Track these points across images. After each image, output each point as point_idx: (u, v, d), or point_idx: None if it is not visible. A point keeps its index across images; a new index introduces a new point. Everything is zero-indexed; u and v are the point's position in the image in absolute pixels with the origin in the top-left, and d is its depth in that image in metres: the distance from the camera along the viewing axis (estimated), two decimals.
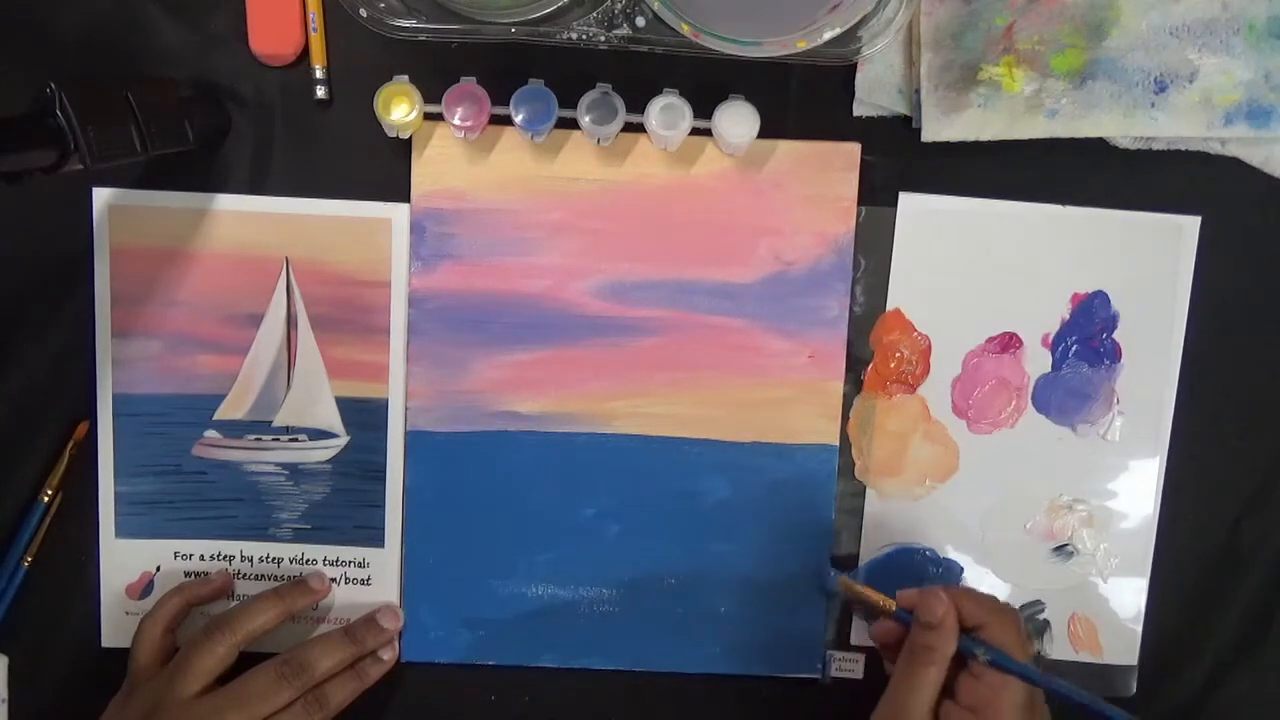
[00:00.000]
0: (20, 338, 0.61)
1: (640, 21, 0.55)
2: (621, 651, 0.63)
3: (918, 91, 0.59)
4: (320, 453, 0.62)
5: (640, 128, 0.58)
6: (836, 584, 0.62)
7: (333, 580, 0.62)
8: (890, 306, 0.62)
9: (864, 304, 0.62)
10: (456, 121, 0.57)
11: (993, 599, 0.57)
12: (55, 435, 0.61)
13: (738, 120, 0.58)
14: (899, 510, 0.63)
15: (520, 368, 0.61)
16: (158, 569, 0.62)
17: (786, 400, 0.62)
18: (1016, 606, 0.64)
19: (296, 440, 0.62)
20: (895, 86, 0.60)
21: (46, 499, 0.61)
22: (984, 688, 0.53)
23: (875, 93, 0.60)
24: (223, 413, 0.61)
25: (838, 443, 0.62)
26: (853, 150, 0.61)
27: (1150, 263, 0.62)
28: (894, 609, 0.57)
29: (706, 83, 0.58)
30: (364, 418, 0.62)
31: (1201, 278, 0.62)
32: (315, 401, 0.61)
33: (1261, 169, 0.61)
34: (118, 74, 0.58)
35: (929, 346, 0.62)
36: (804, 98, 0.60)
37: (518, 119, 0.57)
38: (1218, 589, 0.64)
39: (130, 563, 0.62)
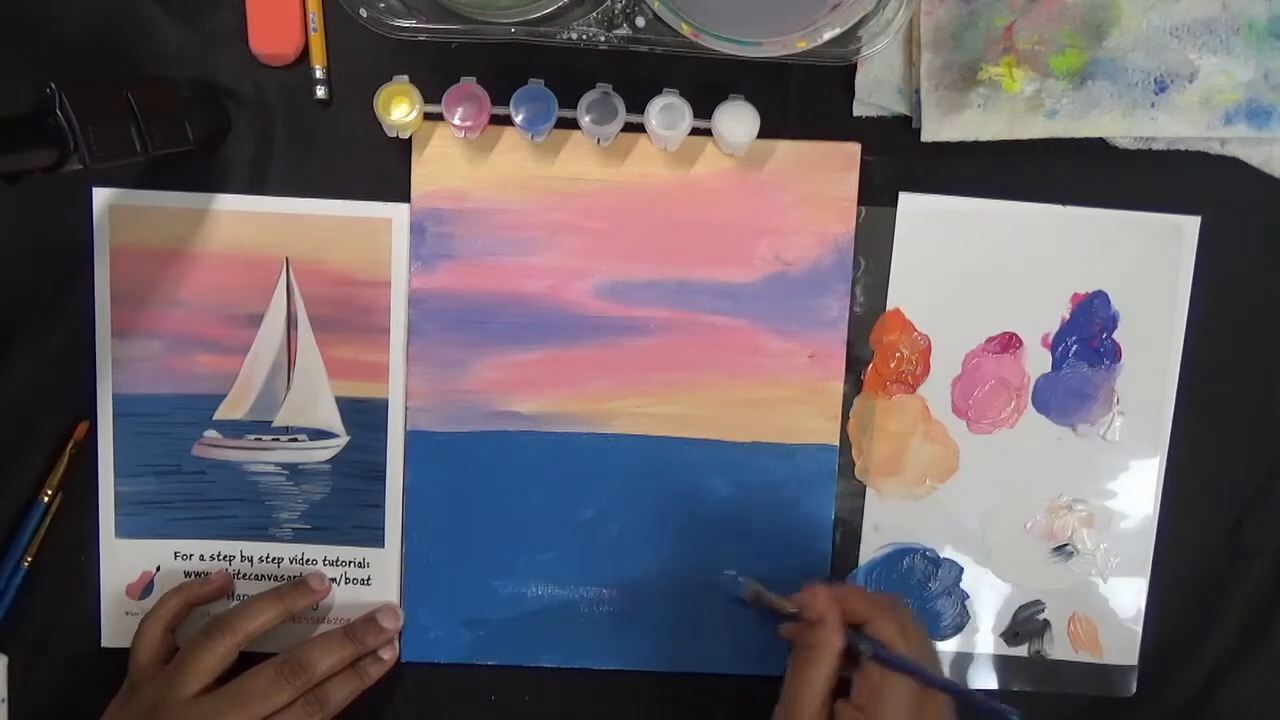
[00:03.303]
0: (20, 338, 0.61)
1: (640, 21, 0.55)
2: (621, 651, 0.63)
3: (918, 91, 0.59)
4: (320, 453, 0.62)
5: (640, 128, 0.58)
6: (744, 589, 0.61)
7: (333, 580, 0.62)
8: (890, 306, 0.62)
9: (864, 304, 0.62)
10: (456, 121, 0.57)
11: (880, 595, 0.56)
12: (55, 435, 0.61)
13: (738, 120, 0.58)
14: (899, 510, 0.63)
15: (520, 368, 0.61)
16: (158, 569, 0.62)
17: (786, 400, 0.62)
18: (1017, 606, 0.64)
19: (296, 440, 0.62)
20: (895, 86, 0.60)
21: (46, 499, 0.61)
22: (870, 684, 0.52)
23: (875, 93, 0.60)
24: (223, 413, 0.61)
25: (838, 443, 0.62)
26: (853, 150, 0.61)
27: (1150, 263, 0.62)
28: (792, 610, 0.57)
29: (706, 83, 0.58)
30: (364, 418, 0.62)
31: (1201, 278, 0.62)
32: (315, 401, 0.61)
33: (1261, 169, 0.61)
34: (118, 74, 0.58)
35: (929, 346, 0.62)
36: (804, 98, 0.60)
37: (518, 119, 0.57)
38: (1218, 589, 0.64)
39: (130, 563, 0.62)
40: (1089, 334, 0.62)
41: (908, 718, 0.52)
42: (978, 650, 0.64)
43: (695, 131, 0.58)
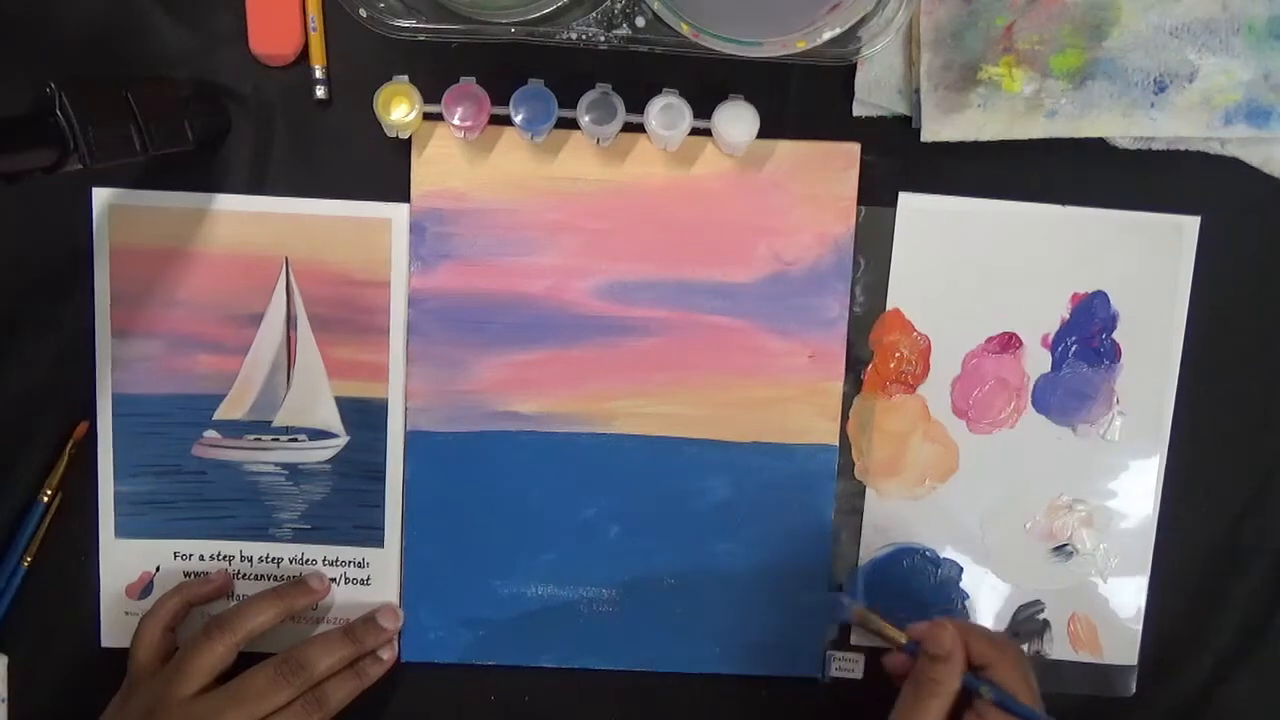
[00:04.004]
0: (20, 338, 0.61)
1: (640, 21, 0.55)
2: (621, 651, 0.63)
3: (918, 91, 0.59)
4: (320, 453, 0.62)
5: (640, 128, 0.58)
6: (851, 614, 0.61)
7: (333, 580, 0.62)
8: (890, 306, 0.62)
9: (864, 304, 0.62)
10: (456, 121, 0.57)
11: (1002, 638, 0.57)
12: (55, 435, 0.61)
13: (737, 120, 0.58)
14: (899, 510, 0.63)
15: (520, 368, 0.61)
16: (157, 569, 0.62)
17: (786, 400, 0.62)
18: (1016, 606, 0.64)
19: (296, 440, 0.62)
20: (895, 86, 0.60)
21: (46, 499, 0.61)
22: None
23: (875, 93, 0.60)
24: (222, 413, 0.61)
25: (838, 443, 0.62)
26: (853, 150, 0.61)
27: (1150, 263, 0.62)
28: (905, 641, 0.57)
29: (706, 83, 0.58)
30: (364, 418, 0.62)
31: (1201, 278, 0.62)
32: (315, 401, 0.61)
33: (1261, 169, 0.61)
34: (118, 74, 0.58)
35: (929, 346, 0.62)
36: (804, 98, 0.60)
37: (518, 119, 0.57)
38: (1218, 589, 0.64)
39: (130, 563, 0.62)
40: (1089, 334, 0.62)
41: None
42: None
43: (695, 131, 0.58)
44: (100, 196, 0.60)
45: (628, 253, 0.61)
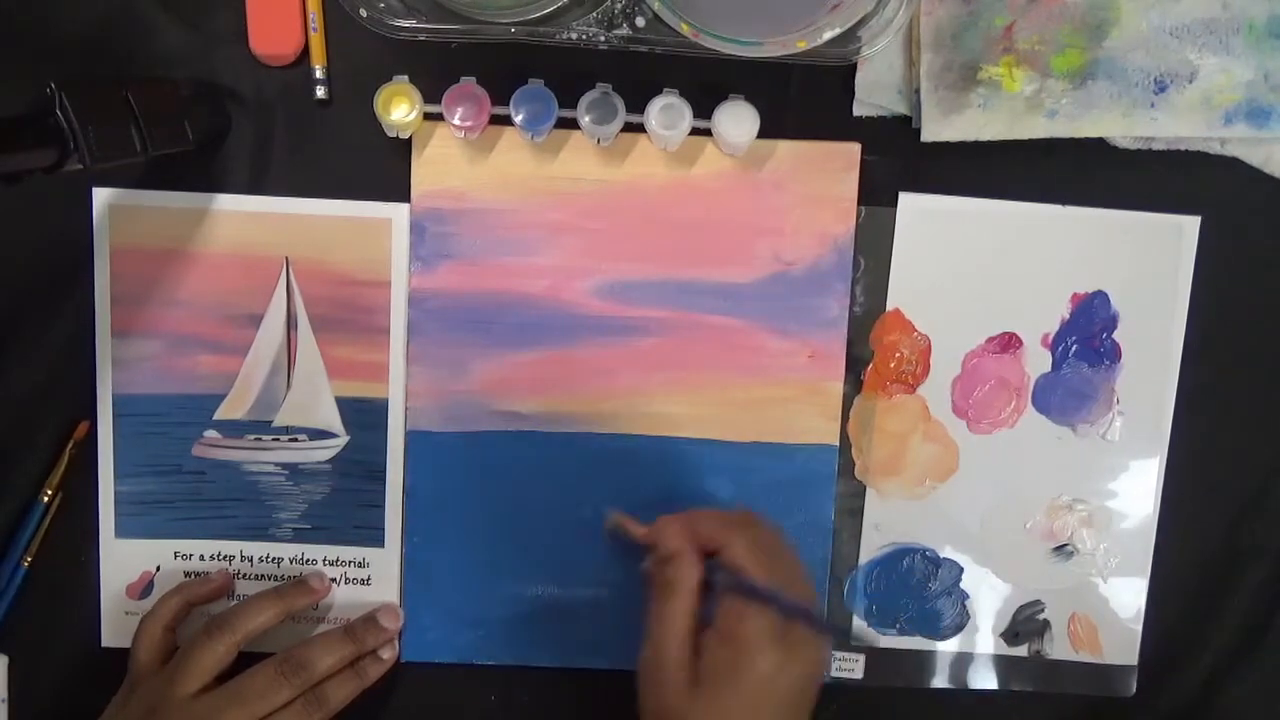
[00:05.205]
0: (20, 338, 0.61)
1: (640, 21, 0.55)
2: (621, 651, 0.63)
3: (918, 91, 0.59)
4: (320, 453, 0.62)
5: (640, 128, 0.58)
6: (606, 521, 0.60)
7: (333, 580, 0.62)
8: (890, 306, 0.62)
9: (864, 304, 0.62)
10: (456, 121, 0.57)
11: (735, 516, 0.54)
12: (55, 435, 0.61)
13: (738, 120, 0.58)
14: (899, 510, 0.63)
15: (520, 368, 0.61)
16: (158, 569, 0.62)
17: (786, 400, 0.62)
18: (1017, 606, 0.64)
19: (296, 440, 0.62)
20: (895, 86, 0.60)
21: (46, 499, 0.61)
22: (731, 613, 0.50)
23: (875, 93, 0.60)
24: (223, 413, 0.61)
25: (838, 443, 0.62)
26: (853, 150, 0.61)
27: (1150, 263, 0.62)
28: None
29: (706, 83, 0.58)
30: (364, 418, 0.62)
31: (1201, 278, 0.62)
32: (315, 401, 0.61)
33: (1261, 169, 0.61)
34: (118, 74, 0.58)
35: (929, 346, 0.62)
36: (804, 98, 0.60)
37: (518, 119, 0.57)
38: (1218, 589, 0.64)
39: (130, 563, 0.62)
40: (1089, 334, 0.62)
41: (772, 645, 0.49)
42: (978, 650, 0.64)
43: (695, 131, 0.58)
44: (100, 196, 0.60)
45: (628, 253, 0.61)
